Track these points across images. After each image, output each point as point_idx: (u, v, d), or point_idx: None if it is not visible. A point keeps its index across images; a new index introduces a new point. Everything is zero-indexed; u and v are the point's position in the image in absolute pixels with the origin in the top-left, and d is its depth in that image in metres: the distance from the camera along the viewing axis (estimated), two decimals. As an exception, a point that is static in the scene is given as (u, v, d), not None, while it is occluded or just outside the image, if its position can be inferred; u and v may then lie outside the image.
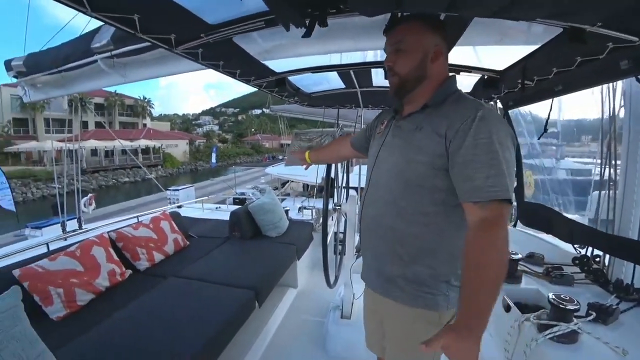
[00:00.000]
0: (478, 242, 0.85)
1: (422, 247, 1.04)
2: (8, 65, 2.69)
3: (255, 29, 1.31)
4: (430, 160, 0.99)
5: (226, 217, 3.39)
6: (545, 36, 1.38)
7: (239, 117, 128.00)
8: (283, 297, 2.93)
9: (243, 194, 10.15)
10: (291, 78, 2.42)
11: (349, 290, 2.27)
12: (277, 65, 2.07)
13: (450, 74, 1.11)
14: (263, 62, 1.88)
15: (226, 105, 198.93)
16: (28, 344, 1.13)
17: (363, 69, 2.27)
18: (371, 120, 1.38)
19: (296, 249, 3.01)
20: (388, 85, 1.13)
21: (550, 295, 1.51)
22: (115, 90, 41.38)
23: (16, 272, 1.90)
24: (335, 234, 2.75)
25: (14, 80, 2.87)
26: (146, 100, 48.30)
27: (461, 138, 0.92)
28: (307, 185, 11.42)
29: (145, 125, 45.45)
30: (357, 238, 1.74)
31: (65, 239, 3.07)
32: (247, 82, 2.14)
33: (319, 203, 4.93)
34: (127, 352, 1.51)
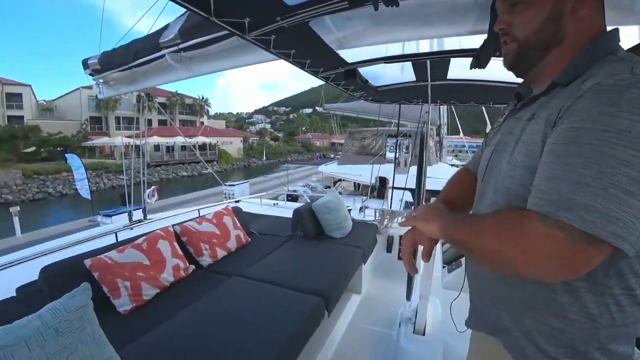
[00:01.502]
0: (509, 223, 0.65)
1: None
2: (85, 63, 2.82)
3: (339, 9, 1.15)
4: (533, 165, 0.67)
5: (285, 213, 3.32)
6: None
7: (291, 116, 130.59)
8: (347, 304, 2.76)
9: (295, 191, 10.18)
10: (361, 70, 2.25)
11: (424, 303, 2.05)
12: (349, 55, 1.92)
13: (610, 29, 0.72)
14: (336, 51, 1.73)
15: (278, 104, 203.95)
16: (96, 348, 1.08)
17: (441, 59, 2.03)
18: (436, 118, 1.13)
19: (362, 252, 2.81)
20: (463, 78, 0.90)
21: None
22: (177, 91, 44.36)
23: (87, 262, 1.94)
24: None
25: (91, 82, 3.03)
26: (204, 99, 50.78)
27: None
28: (359, 185, 11.21)
29: (202, 123, 47.82)
30: (441, 247, 1.53)
31: (132, 228, 3.20)
32: (315, 73, 2.01)
33: (378, 203, 4.74)
34: (193, 354, 1.44)
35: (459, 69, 2.37)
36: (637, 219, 0.52)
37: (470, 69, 1.32)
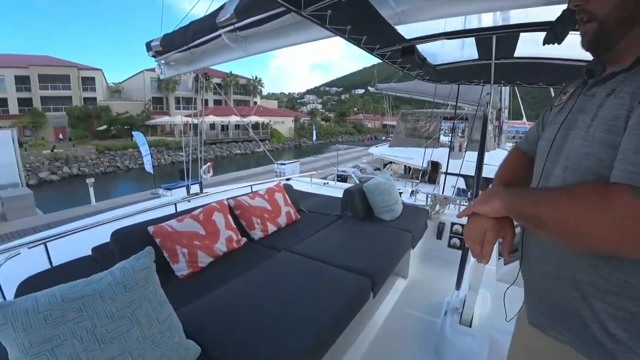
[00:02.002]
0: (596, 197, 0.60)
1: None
2: (148, 46, 2.97)
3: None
4: (613, 140, 0.64)
5: (334, 193, 3.32)
6: None
7: (342, 97, 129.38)
8: (392, 287, 2.75)
9: (344, 171, 10.17)
10: (419, 47, 2.15)
11: (474, 294, 1.97)
12: (406, 31, 1.84)
13: None
14: (394, 26, 1.66)
15: (330, 84, 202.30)
16: (158, 306, 1.18)
17: (510, 34, 1.87)
18: (497, 101, 1.04)
19: (412, 237, 2.76)
20: (531, 55, 0.84)
21: None
22: (231, 71, 45.62)
23: (150, 229, 2.11)
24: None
25: (154, 64, 3.20)
26: (257, 79, 51.76)
27: None
28: (409, 168, 10.93)
29: (255, 102, 48.99)
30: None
31: (189, 201, 3.41)
32: (371, 50, 1.95)
33: (429, 188, 4.60)
34: (244, 319, 1.52)
35: (528, 46, 2.18)
36: None
37: (543, 44, 1.20)
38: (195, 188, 3.96)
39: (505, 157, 1.15)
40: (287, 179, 4.76)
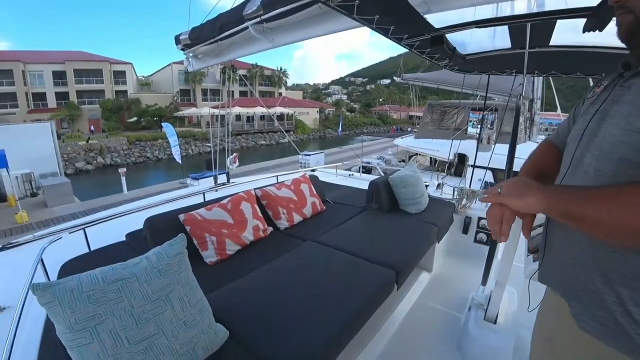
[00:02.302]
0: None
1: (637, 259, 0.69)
2: (177, 39, 3.03)
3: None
4: None
5: (359, 184, 3.30)
6: None
7: (367, 87, 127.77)
8: (416, 280, 2.74)
9: (369, 163, 10.08)
10: (449, 36, 2.10)
11: (500, 290, 1.91)
12: (435, 20, 1.79)
13: None
14: (423, 15, 1.62)
15: (355, 75, 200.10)
16: (190, 290, 1.23)
17: (546, 21, 1.79)
18: (529, 91, 1.02)
19: (437, 230, 2.73)
20: (568, 44, 0.83)
21: None
22: (256, 63, 45.88)
23: (181, 217, 2.19)
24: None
25: (181, 57, 3.27)
26: (282, 70, 51.90)
27: None
28: (435, 161, 10.70)
29: (280, 93, 49.24)
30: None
31: (217, 190, 3.49)
32: (399, 40, 1.92)
33: (455, 181, 4.51)
34: (270, 305, 1.57)
35: (565, 33, 2.08)
36: None
37: (583, 32, 1.14)
38: (222, 178, 4.06)
39: (535, 148, 1.15)
40: (313, 170, 4.78)
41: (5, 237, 8.30)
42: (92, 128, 31.55)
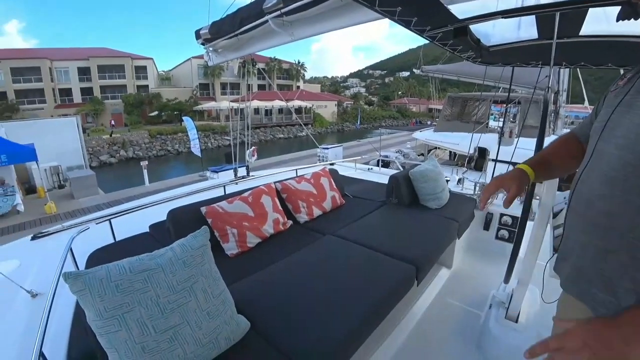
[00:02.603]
0: None
1: None
2: (197, 34, 3.06)
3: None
4: None
5: (379, 179, 3.27)
6: None
7: (386, 80, 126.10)
8: (436, 276, 2.71)
9: (387, 156, 9.98)
10: (473, 27, 2.04)
11: (522, 289, 1.87)
12: (459, 10, 1.74)
13: None
14: (447, 6, 1.58)
15: (373, 67, 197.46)
16: (212, 281, 1.26)
17: (577, 10, 1.71)
18: (554, 83, 1.00)
19: (458, 226, 2.68)
20: (600, 33, 0.81)
21: None
22: (274, 56, 45.94)
23: (203, 210, 2.23)
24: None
25: (201, 52, 3.29)
26: (300, 64, 51.75)
27: None
28: (455, 155, 10.50)
29: (298, 87, 49.14)
30: (551, 230, 1.37)
31: (237, 183, 3.54)
32: (421, 32, 1.88)
33: (475, 176, 4.41)
34: (291, 298, 1.59)
35: (596, 22, 1.98)
36: None
37: (617, 20, 1.10)
38: (242, 171, 4.11)
39: (558, 137, 1.19)
40: (331, 164, 4.77)
41: (36, 227, 8.68)
42: (112, 122, 32.34)
